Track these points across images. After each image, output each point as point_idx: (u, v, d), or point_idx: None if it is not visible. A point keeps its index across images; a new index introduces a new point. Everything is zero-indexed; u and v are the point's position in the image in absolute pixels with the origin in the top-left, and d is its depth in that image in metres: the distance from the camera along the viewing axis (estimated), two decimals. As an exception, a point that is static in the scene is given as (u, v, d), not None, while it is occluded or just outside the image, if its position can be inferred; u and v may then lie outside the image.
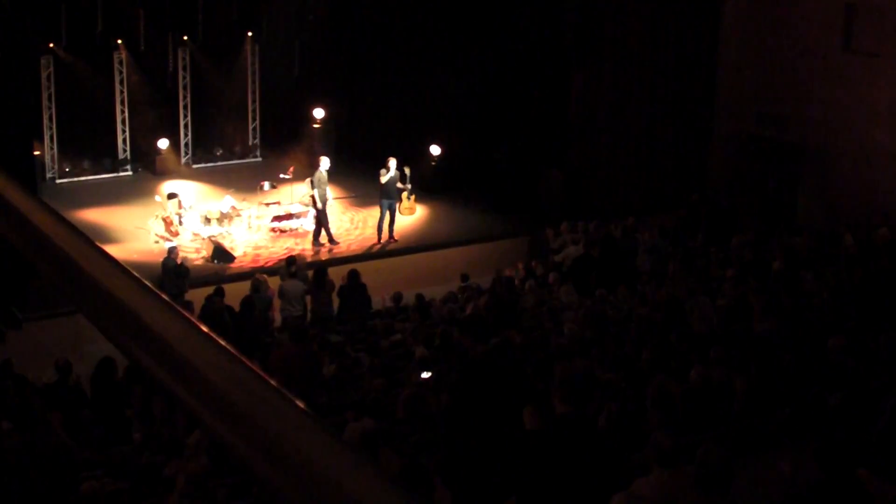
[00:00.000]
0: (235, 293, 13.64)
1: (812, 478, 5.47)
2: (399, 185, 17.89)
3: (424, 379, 9.55)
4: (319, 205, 17.19)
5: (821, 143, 18.61)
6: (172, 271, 14.33)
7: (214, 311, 12.81)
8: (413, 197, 19.00)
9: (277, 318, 13.81)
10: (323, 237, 17.56)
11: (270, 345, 11.84)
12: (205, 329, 0.97)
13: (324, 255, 17.13)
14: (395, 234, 17.97)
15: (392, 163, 17.53)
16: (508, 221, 19.01)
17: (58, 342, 12.83)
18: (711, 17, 20.21)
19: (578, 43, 19.17)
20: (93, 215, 18.45)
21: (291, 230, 18.11)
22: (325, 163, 17.44)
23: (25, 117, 17.87)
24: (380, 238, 17.80)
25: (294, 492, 0.82)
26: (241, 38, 22.36)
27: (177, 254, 14.79)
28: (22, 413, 9.00)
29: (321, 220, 17.43)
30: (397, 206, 18.05)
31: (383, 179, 17.34)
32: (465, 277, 15.20)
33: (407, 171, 18.27)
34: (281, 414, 0.86)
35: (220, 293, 13.27)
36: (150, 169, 21.44)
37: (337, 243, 17.64)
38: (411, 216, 18.96)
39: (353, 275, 14.17)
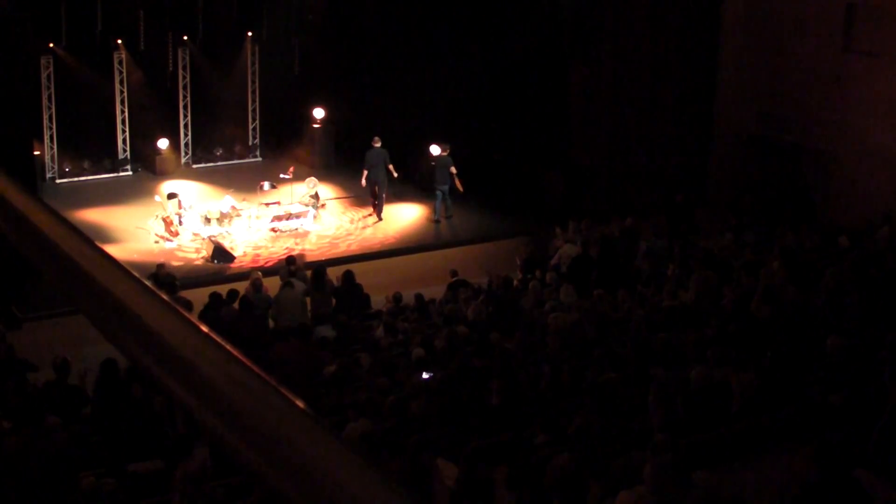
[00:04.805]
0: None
1: (811, 478, 5.47)
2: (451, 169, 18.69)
3: (425, 379, 9.54)
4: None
5: (821, 143, 18.60)
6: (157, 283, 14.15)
7: (214, 310, 12.79)
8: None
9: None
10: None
11: (270, 344, 11.83)
12: (205, 329, 0.97)
13: (325, 255, 17.13)
14: (399, 233, 18.33)
15: (434, 149, 18.79)
16: (508, 221, 19.00)
17: (58, 342, 12.81)
18: (712, 18, 20.21)
19: (578, 44, 19.17)
20: (93, 215, 18.44)
21: (291, 230, 18.11)
22: (377, 141, 18.56)
23: (25, 117, 17.86)
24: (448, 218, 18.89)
25: (294, 492, 0.82)
26: (241, 38, 22.34)
27: (165, 270, 14.48)
28: (21, 413, 8.99)
29: (378, 197, 18.69)
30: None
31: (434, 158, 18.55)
32: (454, 273, 14.88)
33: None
34: (281, 414, 0.86)
35: (217, 296, 13.25)
36: (150, 169, 21.42)
37: (380, 220, 18.80)
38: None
39: (348, 275, 14.19)
